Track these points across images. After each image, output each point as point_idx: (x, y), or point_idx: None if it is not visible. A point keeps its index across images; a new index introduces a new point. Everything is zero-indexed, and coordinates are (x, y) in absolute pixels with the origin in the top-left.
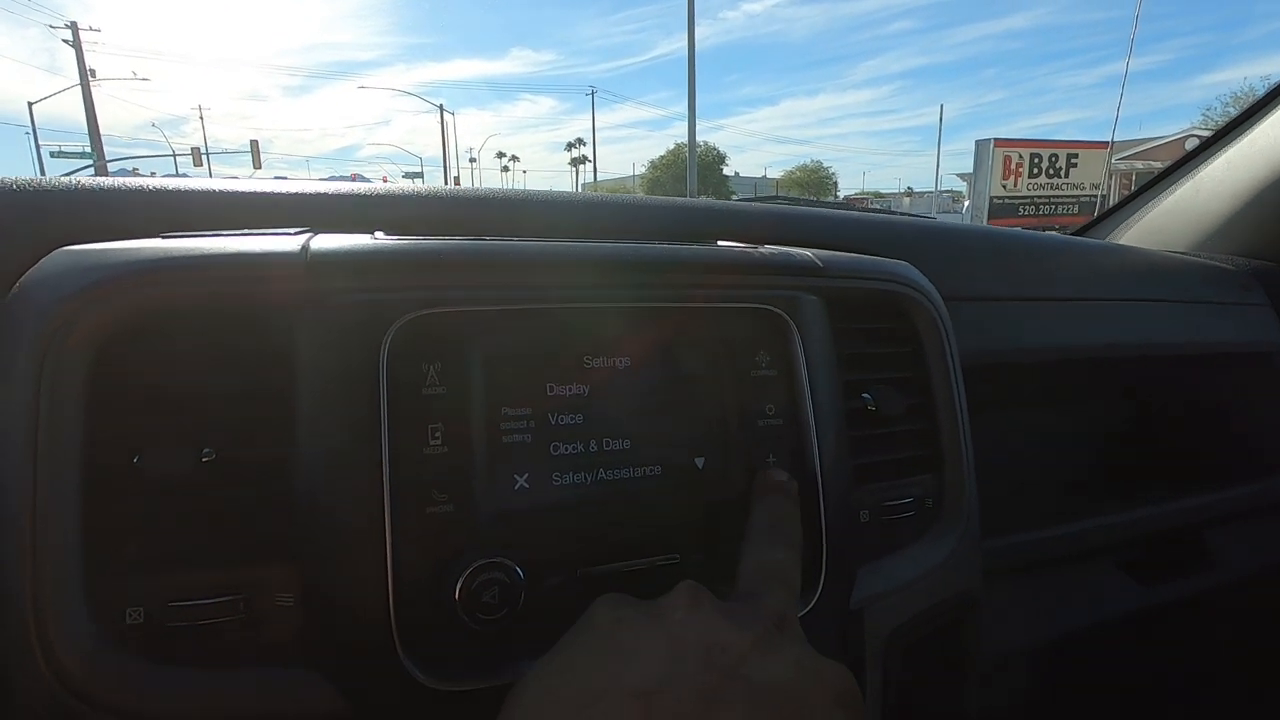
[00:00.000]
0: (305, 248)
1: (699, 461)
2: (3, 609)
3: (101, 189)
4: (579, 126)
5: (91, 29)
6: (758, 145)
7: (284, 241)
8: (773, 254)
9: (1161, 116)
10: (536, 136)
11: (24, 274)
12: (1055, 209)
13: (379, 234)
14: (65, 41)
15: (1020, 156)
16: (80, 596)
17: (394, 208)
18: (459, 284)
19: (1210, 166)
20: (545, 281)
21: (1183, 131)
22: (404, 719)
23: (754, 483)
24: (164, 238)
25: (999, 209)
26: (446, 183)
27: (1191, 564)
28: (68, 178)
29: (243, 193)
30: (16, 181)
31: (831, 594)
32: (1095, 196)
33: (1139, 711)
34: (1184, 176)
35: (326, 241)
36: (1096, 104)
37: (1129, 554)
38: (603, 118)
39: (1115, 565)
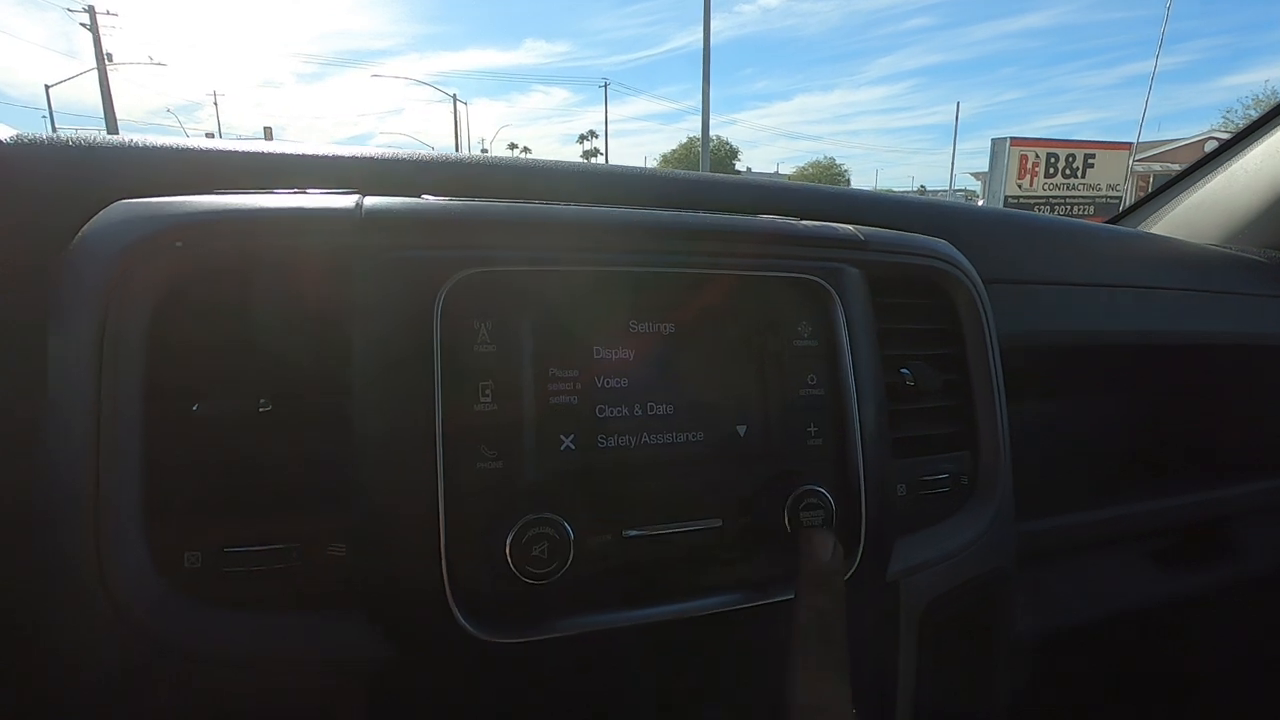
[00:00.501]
0: (359, 205)
1: (740, 429)
2: (68, 549)
3: (152, 148)
4: (591, 119)
5: (109, 13)
6: (770, 141)
7: (337, 199)
8: (816, 227)
9: (1181, 118)
10: (549, 128)
11: (84, 225)
12: (1071, 210)
13: (426, 196)
14: (83, 25)
15: (1036, 156)
16: (141, 540)
17: (438, 174)
18: (512, 245)
19: (1243, 160)
20: (595, 245)
21: (1203, 133)
22: (453, 669)
23: (799, 552)
24: (218, 193)
25: (1014, 209)
26: None
27: (1220, 554)
28: (120, 136)
29: (286, 155)
30: (71, 139)
31: (869, 565)
32: (1111, 198)
33: (1160, 700)
34: (1216, 169)
35: (379, 200)
36: (1114, 104)
37: (1157, 543)
38: (615, 110)
39: (1142, 554)
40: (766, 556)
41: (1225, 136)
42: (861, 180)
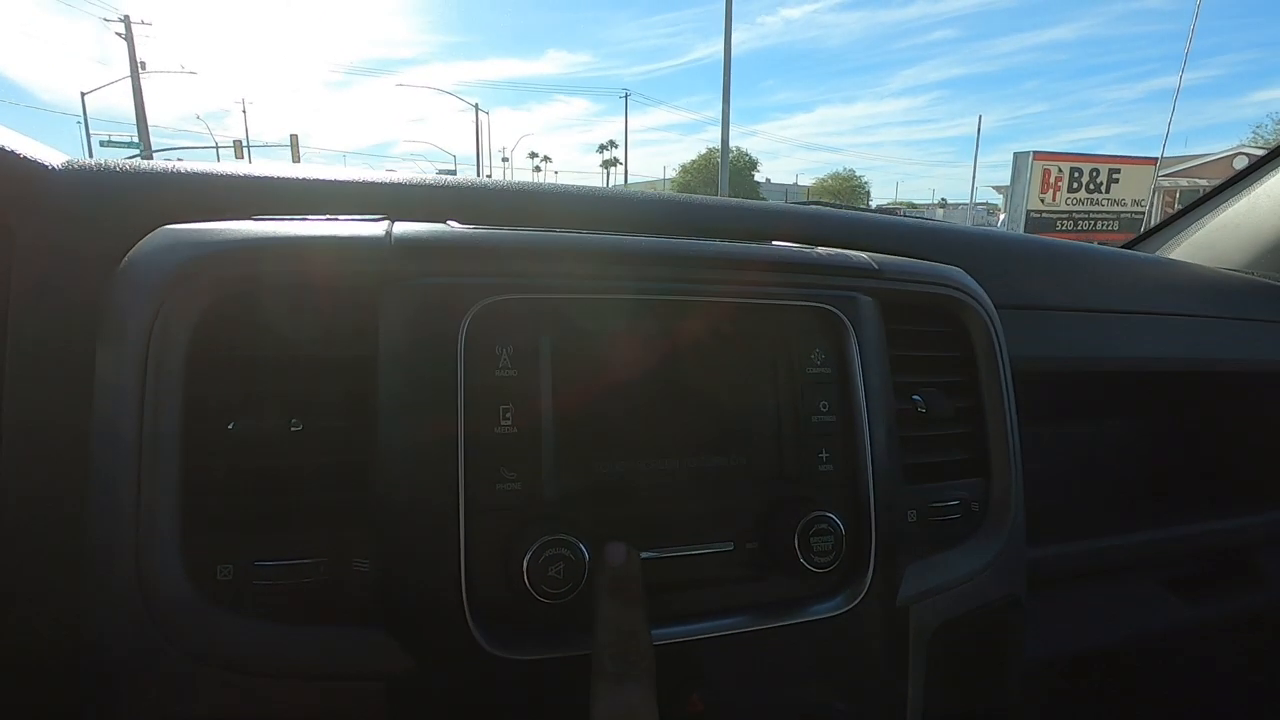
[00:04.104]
0: (389, 232)
1: (753, 455)
2: (110, 558)
3: (193, 174)
4: (611, 128)
5: (143, 23)
6: (790, 152)
7: (368, 226)
8: (830, 255)
9: (1210, 133)
10: (569, 137)
11: (131, 249)
12: (1095, 225)
13: (452, 223)
14: (119, 35)
15: (1060, 170)
16: (176, 552)
17: (463, 200)
18: (534, 272)
19: (1267, 183)
20: (615, 273)
21: (1231, 149)
22: (470, 684)
23: (595, 567)
24: (255, 219)
25: (1036, 223)
26: None
27: (1238, 583)
28: (164, 162)
29: (321, 180)
30: (117, 164)
31: (878, 590)
32: (1136, 214)
33: None
34: (1239, 193)
35: (408, 228)
36: (1140, 119)
37: (1175, 570)
38: (635, 120)
39: (1159, 581)
40: (776, 582)
41: (1256, 152)
42: (882, 192)
